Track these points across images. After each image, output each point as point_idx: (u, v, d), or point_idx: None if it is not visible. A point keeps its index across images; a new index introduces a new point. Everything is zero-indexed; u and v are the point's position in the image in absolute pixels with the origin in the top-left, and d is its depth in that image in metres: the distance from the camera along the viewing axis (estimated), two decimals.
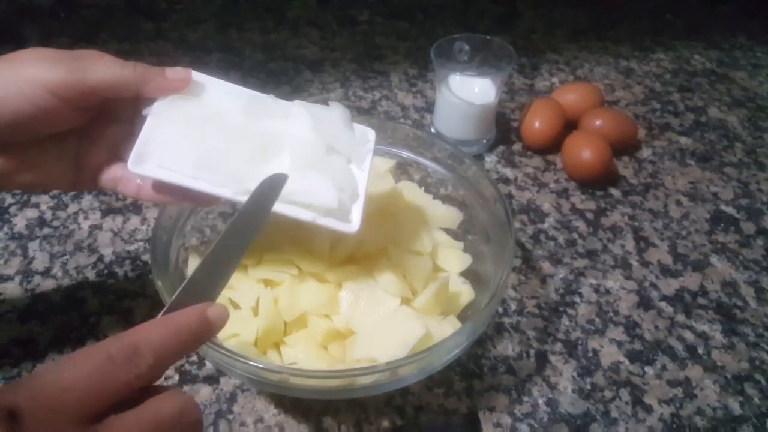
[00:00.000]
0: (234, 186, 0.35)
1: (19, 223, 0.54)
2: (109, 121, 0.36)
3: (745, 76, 0.80)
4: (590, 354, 0.46)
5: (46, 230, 0.53)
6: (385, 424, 0.41)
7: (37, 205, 0.56)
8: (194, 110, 0.36)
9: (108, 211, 0.55)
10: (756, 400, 0.44)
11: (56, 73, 0.31)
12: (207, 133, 0.35)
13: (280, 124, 0.38)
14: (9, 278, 0.49)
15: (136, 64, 0.34)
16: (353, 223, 0.36)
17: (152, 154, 0.34)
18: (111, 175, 0.36)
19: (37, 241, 0.52)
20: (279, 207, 0.35)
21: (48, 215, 0.55)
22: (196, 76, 0.37)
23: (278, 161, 0.37)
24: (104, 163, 0.36)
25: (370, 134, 0.41)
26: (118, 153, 0.36)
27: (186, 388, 0.42)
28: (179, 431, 0.24)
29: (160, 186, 0.35)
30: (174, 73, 0.35)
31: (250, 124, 0.37)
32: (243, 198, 0.34)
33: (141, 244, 0.53)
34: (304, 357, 0.39)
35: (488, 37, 0.62)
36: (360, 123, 0.52)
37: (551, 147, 0.64)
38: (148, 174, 0.34)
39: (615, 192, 0.61)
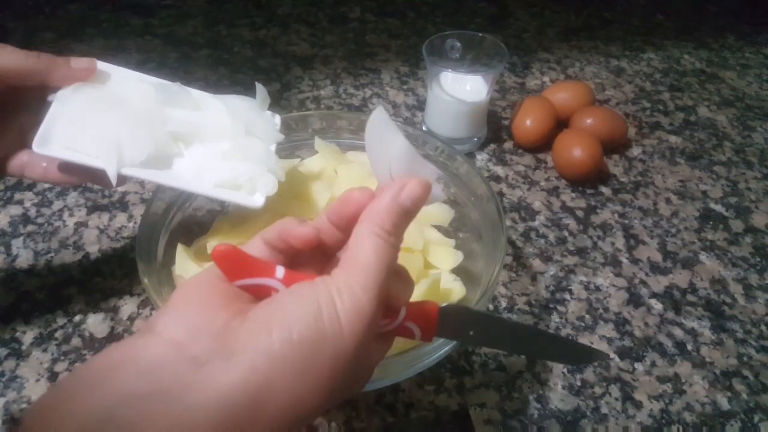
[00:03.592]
0: (139, 167, 0.36)
1: (2, 220, 0.53)
2: (16, 111, 0.36)
3: (734, 76, 0.81)
4: None
5: (30, 227, 0.52)
6: (376, 421, 0.41)
7: (20, 202, 0.55)
8: (99, 96, 0.37)
9: (94, 208, 0.55)
10: (744, 395, 0.44)
11: None
12: (112, 117, 0.36)
13: (191, 113, 0.39)
14: None
15: (41, 54, 0.34)
16: (259, 200, 0.39)
17: (56, 136, 0.35)
18: (18, 161, 0.37)
19: (21, 238, 0.51)
20: (192, 187, 0.37)
21: (32, 212, 0.54)
22: (102, 65, 0.38)
23: (194, 148, 0.39)
24: (11, 151, 0.37)
25: (277, 119, 0.43)
26: (26, 142, 0.36)
27: None
28: None
29: (65, 167, 0.37)
30: (79, 62, 0.36)
31: (156, 111, 0.38)
32: (154, 180, 0.37)
33: (127, 241, 0.52)
34: None
35: (480, 35, 0.62)
36: (351, 120, 0.52)
37: (542, 145, 0.64)
38: (53, 154, 0.35)
39: (605, 190, 0.61)
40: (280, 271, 0.24)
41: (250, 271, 0.24)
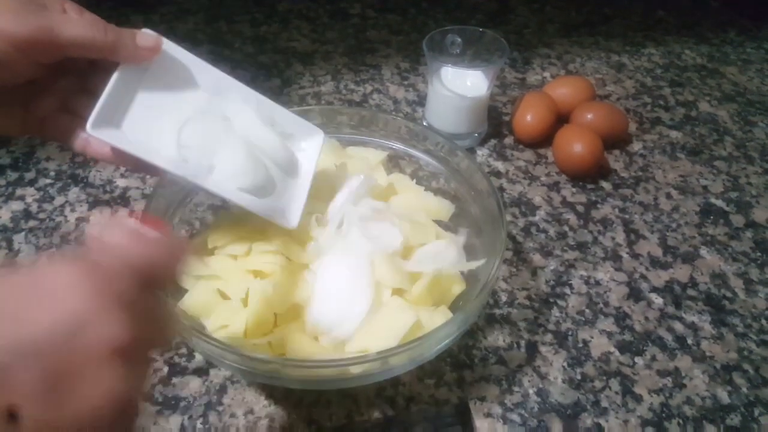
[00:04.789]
0: (191, 168, 0.35)
1: (4, 215, 0.53)
2: (62, 72, 0.34)
3: (735, 71, 0.81)
4: (580, 345, 0.46)
5: (32, 223, 0.53)
6: (376, 414, 0.41)
7: (22, 198, 0.55)
8: (160, 82, 0.36)
9: (95, 204, 0.55)
10: (744, 389, 0.44)
11: (24, 28, 0.29)
12: (171, 110, 0.35)
13: (246, 121, 0.39)
14: None
15: (107, 28, 0.32)
16: (293, 221, 0.40)
17: (111, 119, 0.34)
18: (59, 127, 0.35)
19: (23, 233, 0.52)
20: (233, 196, 0.37)
21: (34, 207, 0.54)
22: (167, 45, 0.36)
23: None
24: (53, 112, 0.35)
25: (318, 137, 0.44)
26: (69, 104, 0.35)
27: (175, 380, 0.42)
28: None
29: (118, 151, 0.35)
30: (145, 40, 0.34)
31: (215, 112, 0.37)
32: (199, 181, 0.36)
33: None
34: (295, 348, 0.39)
35: (481, 30, 0.62)
36: (352, 115, 0.52)
37: (542, 140, 0.64)
38: (107, 140, 0.33)
39: (606, 185, 0.61)
40: None
41: None
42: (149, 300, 0.23)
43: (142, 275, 0.23)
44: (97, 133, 0.33)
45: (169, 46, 0.37)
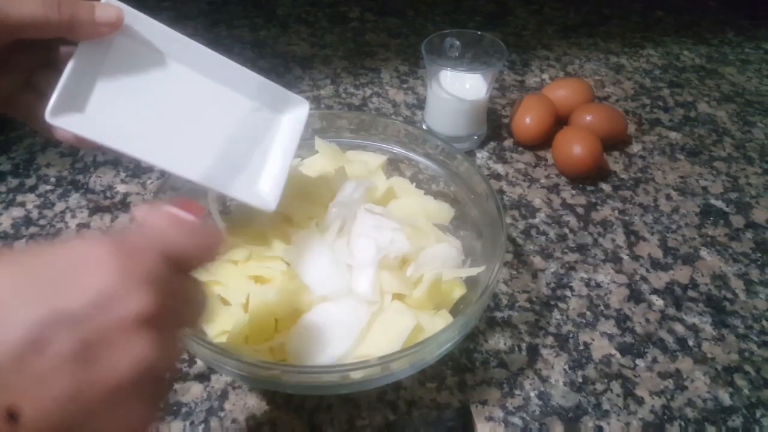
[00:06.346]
0: (160, 152, 0.33)
1: (5, 222, 0.53)
2: (20, 48, 0.32)
3: (733, 72, 0.81)
4: (581, 347, 0.46)
5: (33, 229, 0.53)
6: (378, 419, 0.41)
7: (23, 204, 0.55)
8: (126, 57, 0.33)
9: (96, 210, 0.55)
10: (745, 391, 0.44)
11: None
12: (137, 88, 0.33)
13: (222, 95, 0.38)
14: None
15: (62, 3, 0.30)
16: (271, 203, 0.39)
17: (73, 104, 0.31)
18: (24, 106, 0.34)
19: (24, 240, 0.52)
20: (207, 182, 0.36)
21: (34, 214, 0.54)
22: (131, 15, 0.34)
23: (220, 138, 0.37)
24: (16, 90, 0.33)
25: (303, 108, 0.41)
26: (32, 80, 0.33)
27: (177, 386, 0.42)
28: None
29: (80, 139, 0.33)
30: (105, 13, 0.32)
31: (186, 87, 0.36)
32: (173, 170, 0.34)
33: None
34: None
35: (479, 33, 0.62)
36: (351, 119, 0.52)
37: (542, 143, 0.64)
38: (68, 128, 0.31)
39: (605, 187, 0.61)
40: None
41: None
42: (179, 280, 0.24)
43: (173, 257, 0.24)
44: (57, 122, 0.31)
45: (133, 16, 0.34)
